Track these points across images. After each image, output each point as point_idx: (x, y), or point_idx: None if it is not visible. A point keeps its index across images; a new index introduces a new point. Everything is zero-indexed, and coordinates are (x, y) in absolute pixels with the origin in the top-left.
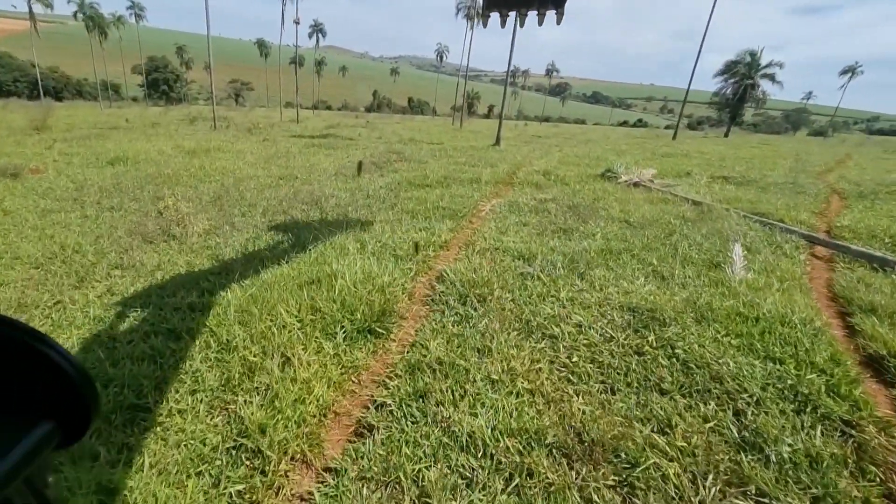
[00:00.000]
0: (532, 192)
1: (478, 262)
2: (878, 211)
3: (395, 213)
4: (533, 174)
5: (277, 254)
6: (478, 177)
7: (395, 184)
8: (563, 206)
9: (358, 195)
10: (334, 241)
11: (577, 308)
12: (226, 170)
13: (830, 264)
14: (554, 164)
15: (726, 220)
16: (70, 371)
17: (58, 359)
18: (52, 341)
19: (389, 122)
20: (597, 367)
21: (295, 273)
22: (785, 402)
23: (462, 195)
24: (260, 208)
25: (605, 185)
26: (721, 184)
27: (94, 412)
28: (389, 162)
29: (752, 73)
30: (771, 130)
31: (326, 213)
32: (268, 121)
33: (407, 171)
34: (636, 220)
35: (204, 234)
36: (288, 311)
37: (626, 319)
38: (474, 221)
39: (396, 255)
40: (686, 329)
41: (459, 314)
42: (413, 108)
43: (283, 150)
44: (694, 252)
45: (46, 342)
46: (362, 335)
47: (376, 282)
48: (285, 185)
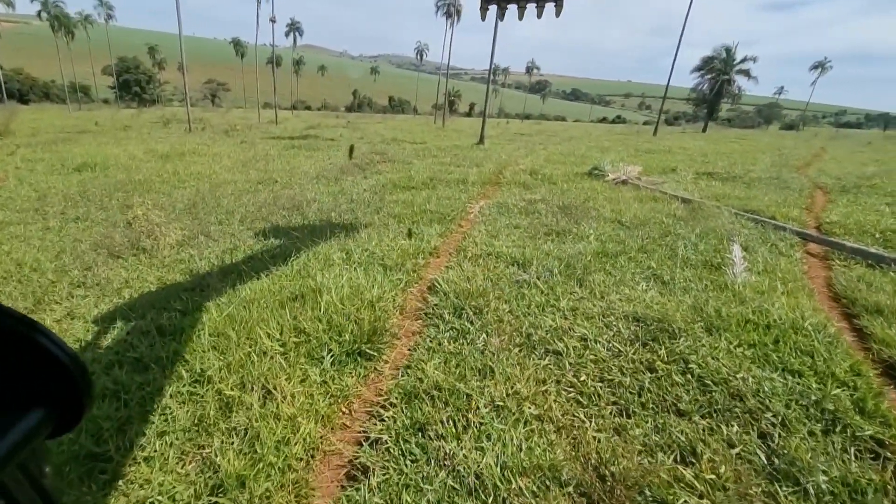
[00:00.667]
0: (520, 193)
1: (471, 270)
2: (863, 205)
3: (381, 218)
4: (520, 173)
5: (257, 266)
6: (464, 177)
7: (379, 186)
8: (553, 206)
9: (341, 199)
10: (318, 251)
11: (579, 319)
12: (201, 175)
13: (826, 262)
14: (540, 163)
15: (718, 218)
16: (63, 358)
17: (50, 346)
18: (44, 328)
19: (371, 122)
20: (607, 386)
21: (276, 288)
22: (811, 421)
23: (449, 197)
24: (238, 215)
25: (593, 183)
26: (707, 180)
27: (88, 400)
28: (373, 163)
29: (728, 69)
30: (744, 125)
31: (309, 220)
32: (245, 122)
33: (391, 173)
34: (628, 220)
35: (177, 246)
36: (269, 333)
37: (633, 331)
38: (464, 224)
39: (385, 265)
40: (697, 340)
41: (455, 329)
42: (394, 107)
43: (262, 153)
44: (690, 253)
45: (39, 329)
46: (352, 358)
47: (365, 297)
48: (264, 190)
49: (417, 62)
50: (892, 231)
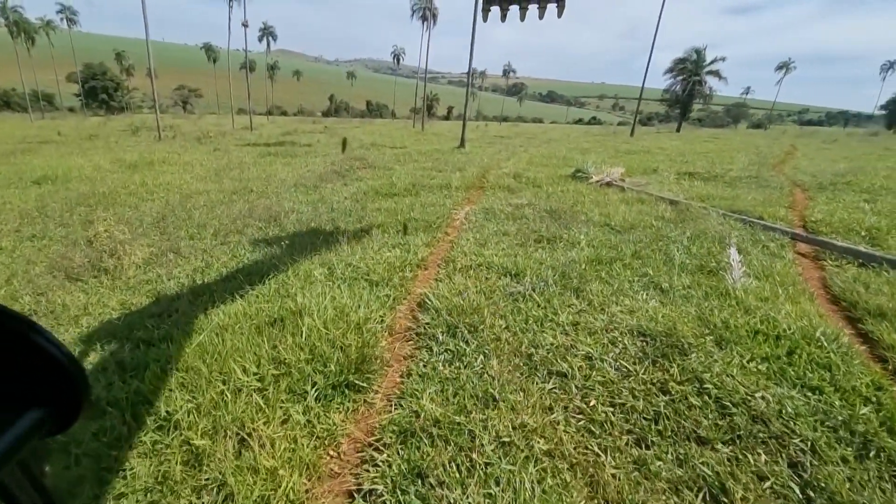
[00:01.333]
0: (506, 197)
1: (462, 283)
2: (843, 203)
3: (364, 227)
4: (503, 177)
5: (231, 286)
6: (447, 182)
7: (360, 193)
8: (540, 211)
9: (321, 208)
10: (297, 267)
11: (581, 335)
12: (171, 185)
13: (818, 262)
14: (523, 166)
15: (707, 219)
16: (60, 358)
17: (47, 346)
18: (41, 328)
19: (349, 127)
20: (619, 412)
21: (253, 311)
22: (842, 445)
23: (433, 203)
24: (210, 229)
25: (577, 186)
26: (689, 180)
27: (85, 399)
28: (353, 169)
29: (699, 70)
30: (714, 124)
31: (287, 231)
32: (219, 129)
33: (372, 179)
34: (618, 223)
35: (143, 265)
36: (245, 367)
37: (640, 347)
38: (450, 232)
39: (370, 281)
40: (709, 356)
41: (450, 351)
42: (372, 111)
43: (236, 161)
44: (685, 257)
45: (36, 329)
46: (338, 392)
47: (350, 318)
48: (239, 201)
49: (394, 66)
50: (876, 229)
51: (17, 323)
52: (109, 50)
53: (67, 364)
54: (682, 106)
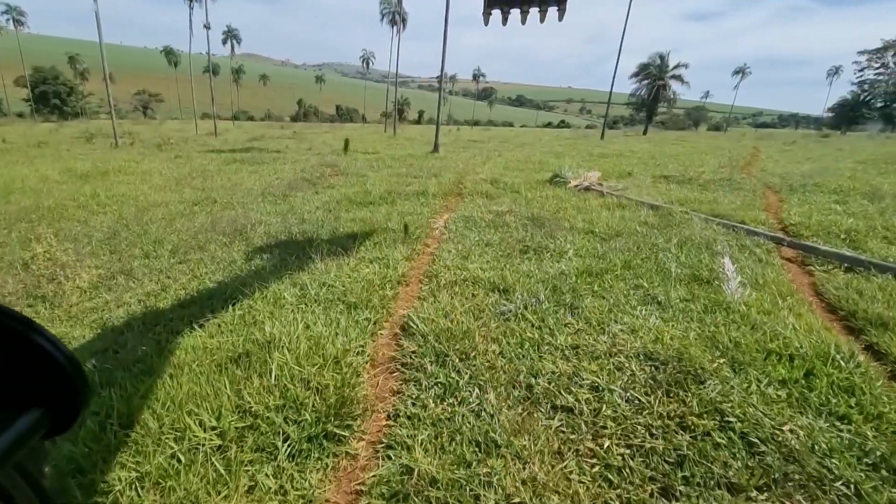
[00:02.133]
0: (485, 204)
1: (447, 302)
2: (815, 204)
3: (338, 240)
4: (481, 183)
5: (190, 313)
6: (424, 189)
7: (332, 202)
8: (522, 218)
9: (291, 219)
10: (266, 288)
11: (584, 360)
12: (126, 197)
13: (804, 267)
14: (499, 171)
15: (690, 225)
16: (59, 358)
17: (47, 346)
18: (40, 327)
19: (318, 132)
20: (637, 455)
21: (214, 345)
22: (888, 486)
23: (411, 212)
24: (168, 245)
25: (556, 191)
26: (665, 183)
27: (84, 400)
28: (324, 176)
29: (663, 75)
30: (676, 127)
31: (254, 246)
32: (181, 135)
33: (345, 187)
34: (602, 230)
35: (89, 290)
36: (202, 420)
37: (650, 374)
38: (430, 243)
39: (348, 303)
40: (725, 382)
41: (441, 383)
42: (342, 115)
43: (199, 169)
44: (676, 266)
45: (35, 328)
46: (315, 445)
47: (327, 351)
48: (201, 213)
49: (363, 70)
50: (855, 231)
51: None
52: (62, 53)
53: (67, 365)
54: (647, 109)
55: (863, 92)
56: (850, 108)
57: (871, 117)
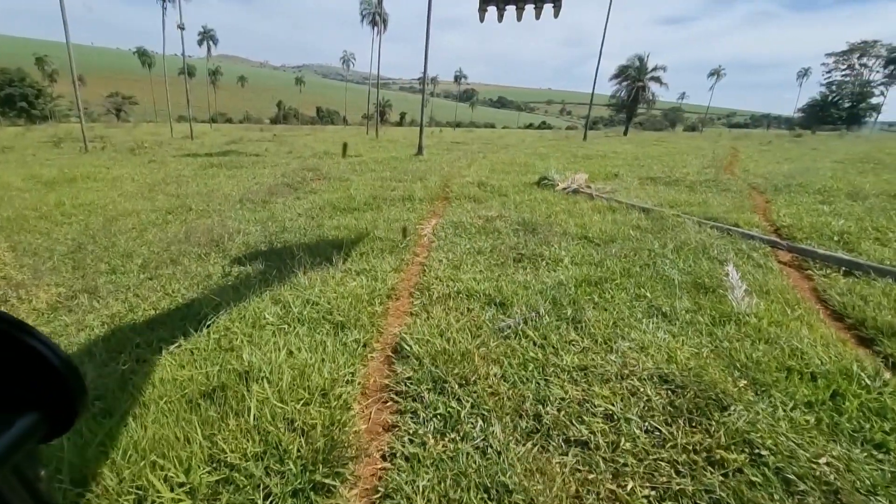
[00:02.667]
0: (473, 209)
1: (441, 318)
2: (803, 206)
3: (322, 250)
4: (467, 186)
5: (159, 337)
6: (410, 193)
7: (315, 209)
8: (512, 223)
9: (272, 228)
10: (244, 306)
11: (594, 384)
12: (94, 205)
13: (802, 272)
14: (485, 174)
15: (684, 229)
16: (55, 361)
17: (42, 349)
18: (35, 331)
19: (299, 134)
20: (665, 496)
21: (185, 376)
22: None
23: (397, 218)
24: (138, 259)
25: (544, 194)
26: (652, 185)
27: (81, 403)
28: (305, 181)
29: (642, 76)
30: (654, 127)
31: (231, 258)
32: (156, 138)
33: (327, 192)
34: (596, 235)
35: (47, 313)
36: (167, 474)
37: (667, 399)
38: (419, 252)
39: (334, 322)
40: (749, 408)
41: (441, 415)
42: (322, 117)
43: (174, 174)
44: (676, 273)
45: (30, 332)
46: (301, 499)
47: (314, 381)
48: (175, 222)
49: (344, 72)
50: (848, 233)
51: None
52: (28, 54)
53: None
54: (627, 111)
55: (831, 93)
56: (820, 109)
57: (839, 117)
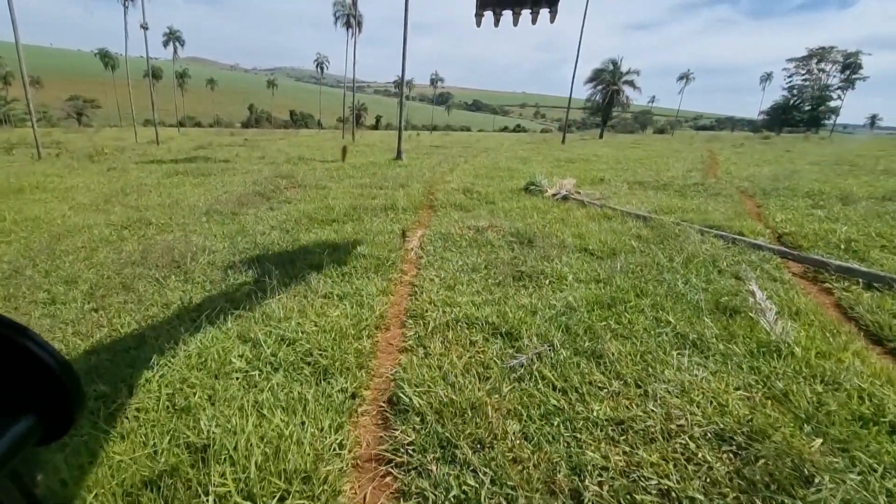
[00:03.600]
0: (461, 218)
1: (442, 355)
2: (797, 211)
3: (298, 270)
4: (453, 193)
5: (97, 393)
6: (392, 202)
7: (290, 221)
8: (505, 234)
9: (241, 243)
10: (206, 346)
11: (638, 445)
12: (39, 220)
13: (819, 285)
14: (469, 179)
15: (687, 238)
16: (52, 364)
17: (39, 351)
18: (32, 333)
19: (272, 139)
20: None
21: (124, 455)
22: None
23: (380, 230)
24: (84, 285)
25: (534, 201)
26: (641, 190)
27: (78, 406)
28: (278, 190)
29: (616, 80)
30: (625, 130)
31: (195, 281)
32: (118, 144)
33: (303, 202)
34: (596, 248)
35: None
36: None
37: (734, 467)
38: (406, 269)
39: (315, 366)
40: (839, 480)
41: (455, 497)
42: (296, 121)
43: (135, 183)
44: (693, 292)
45: (26, 334)
46: None
47: (291, 463)
48: (132, 238)
49: (318, 75)
50: (854, 240)
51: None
52: None
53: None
54: (603, 114)
55: (792, 96)
56: (783, 112)
57: (801, 119)
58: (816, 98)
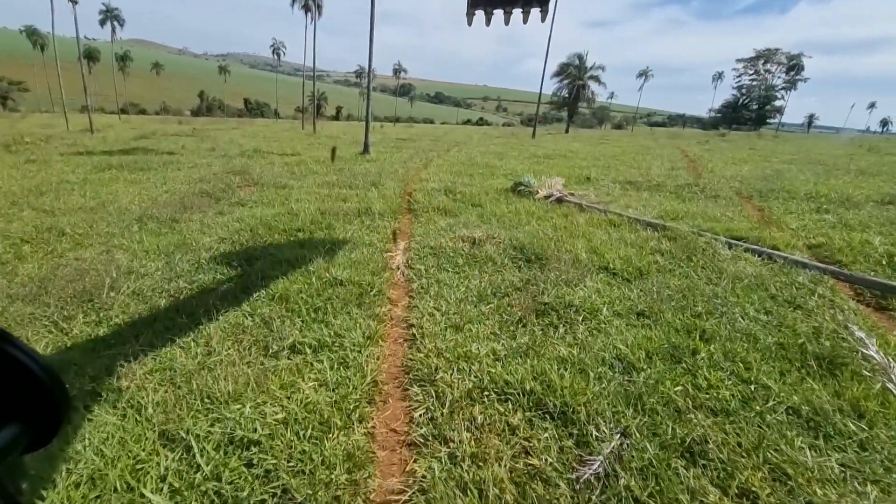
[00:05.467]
0: (449, 226)
1: (471, 452)
2: (807, 216)
3: (255, 307)
4: (433, 194)
5: None
6: (367, 205)
7: (245, 231)
8: (507, 248)
9: (180, 263)
10: (103, 462)
11: None
12: None
13: (886, 313)
14: (447, 177)
15: (713, 252)
16: (37, 371)
17: (23, 358)
18: (16, 340)
19: (224, 128)
20: None
21: None
22: None
23: (356, 240)
24: None
25: (525, 204)
26: (635, 191)
27: (65, 414)
28: (230, 189)
29: (582, 75)
30: (584, 125)
31: (111, 325)
32: (46, 131)
33: (260, 205)
34: (618, 266)
35: None
36: None
37: None
38: (394, 295)
39: (288, 490)
40: None
41: None
42: (251, 110)
43: (56, 178)
44: (761, 331)
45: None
46: None
47: None
48: (34, 257)
49: (274, 62)
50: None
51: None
52: None
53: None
54: (568, 109)
55: (742, 95)
56: (733, 110)
57: (749, 117)
58: (763, 97)
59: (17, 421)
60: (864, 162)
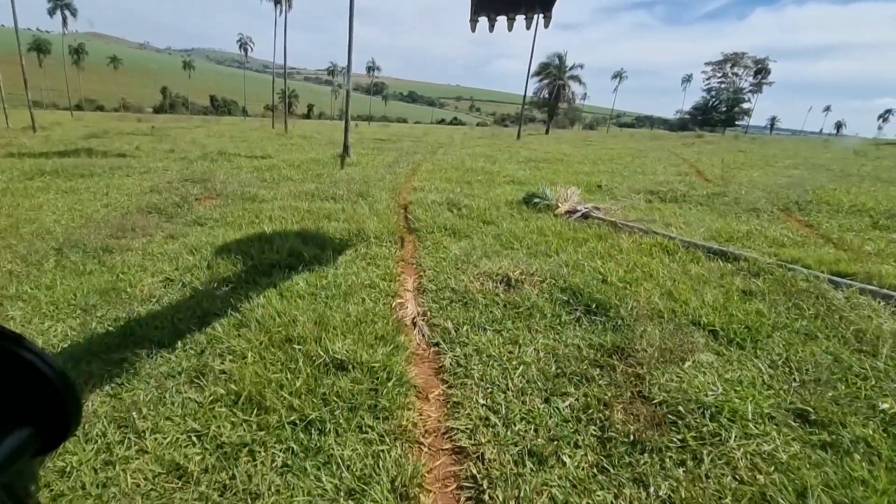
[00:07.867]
0: (464, 253)
1: None
2: (877, 235)
3: (204, 425)
4: (435, 208)
5: None
6: (358, 226)
7: (201, 266)
8: (553, 292)
9: (103, 322)
10: None
11: None
12: None
13: None
14: (443, 185)
15: (822, 295)
16: (48, 373)
17: (35, 360)
18: (28, 343)
19: (188, 127)
20: None
21: None
22: None
23: (351, 284)
24: None
25: (547, 222)
26: (661, 203)
27: (75, 416)
28: (187, 201)
29: (562, 75)
30: (557, 126)
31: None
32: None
33: (223, 225)
34: (715, 321)
35: None
36: None
37: None
38: (418, 373)
39: None
40: None
41: None
42: (218, 107)
43: None
44: None
45: (22, 344)
46: None
47: None
48: None
49: (241, 58)
50: None
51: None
52: None
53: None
54: (549, 109)
55: (711, 98)
56: (703, 112)
57: (719, 120)
58: (732, 100)
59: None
60: (870, 166)
